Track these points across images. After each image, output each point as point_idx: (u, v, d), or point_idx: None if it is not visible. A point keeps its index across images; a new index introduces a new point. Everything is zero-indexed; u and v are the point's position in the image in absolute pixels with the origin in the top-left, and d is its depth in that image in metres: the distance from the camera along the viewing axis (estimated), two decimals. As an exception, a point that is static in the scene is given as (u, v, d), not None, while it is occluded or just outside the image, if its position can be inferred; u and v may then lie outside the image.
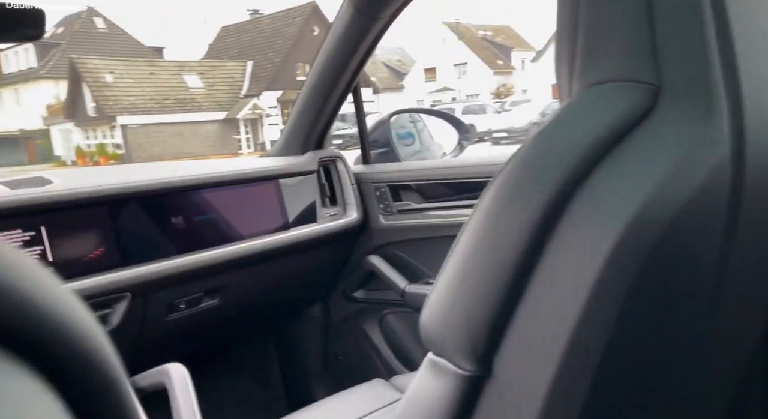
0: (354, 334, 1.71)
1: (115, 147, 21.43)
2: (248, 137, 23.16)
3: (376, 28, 1.31)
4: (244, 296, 1.40)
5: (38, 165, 24.79)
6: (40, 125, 26.91)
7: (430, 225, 1.46)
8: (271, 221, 1.37)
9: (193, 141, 21.42)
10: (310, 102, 1.49)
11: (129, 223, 1.11)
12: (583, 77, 0.49)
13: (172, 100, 22.33)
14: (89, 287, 1.01)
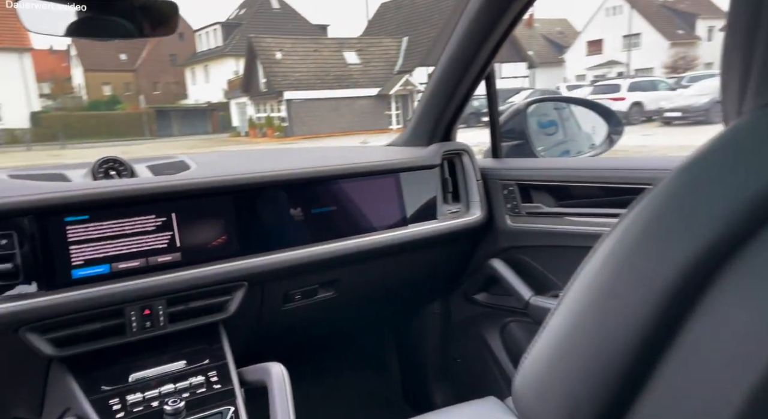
0: (473, 338, 1.63)
1: (280, 120, 23.35)
2: (398, 112, 23.63)
3: (514, 10, 1.17)
4: (360, 290, 1.40)
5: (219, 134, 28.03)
6: (222, 99, 30.30)
7: (563, 233, 1.30)
8: (389, 216, 1.33)
9: (348, 116, 22.46)
10: (439, 91, 1.41)
11: (251, 213, 1.14)
12: (760, 93, 0.38)
13: (332, 76, 23.57)
14: (210, 275, 1.06)
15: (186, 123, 30.51)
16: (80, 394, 0.92)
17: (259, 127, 24.24)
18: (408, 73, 23.09)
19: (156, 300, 1.01)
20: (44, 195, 0.94)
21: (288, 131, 22.37)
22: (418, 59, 22.97)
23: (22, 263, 0.91)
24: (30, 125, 25.83)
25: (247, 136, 25.16)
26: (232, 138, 25.49)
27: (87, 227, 0.97)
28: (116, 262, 0.99)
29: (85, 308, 0.95)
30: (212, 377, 1.00)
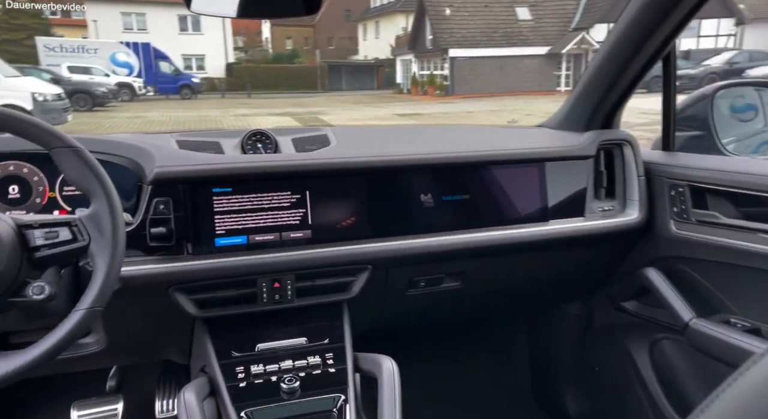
0: (616, 350, 1.47)
1: (442, 78, 23.17)
2: (568, 73, 21.91)
3: None
4: (490, 283, 1.33)
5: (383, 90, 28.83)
6: (389, 55, 30.91)
7: (747, 251, 1.07)
8: (529, 208, 1.23)
9: (513, 76, 21.45)
10: (605, 69, 1.23)
11: (382, 196, 1.13)
12: None
13: (500, 33, 22.55)
14: (337, 255, 1.08)
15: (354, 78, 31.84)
16: (213, 357, 1.01)
17: (421, 84, 24.33)
18: (584, 30, 21.12)
19: (286, 274, 1.06)
20: (197, 166, 1.03)
21: (449, 89, 22.14)
22: (598, 15, 20.83)
23: (174, 228, 1.01)
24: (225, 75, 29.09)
25: (408, 93, 25.48)
26: (394, 95, 26.03)
27: (230, 199, 1.04)
28: (253, 234, 1.06)
29: (224, 276, 1.03)
30: (329, 358, 1.03)
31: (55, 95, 10.59)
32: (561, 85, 21.57)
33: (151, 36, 25.88)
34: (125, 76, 20.99)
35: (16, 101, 9.72)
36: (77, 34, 26.42)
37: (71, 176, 0.80)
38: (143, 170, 1.01)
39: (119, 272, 0.80)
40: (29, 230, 0.78)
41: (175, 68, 24.40)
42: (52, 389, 1.47)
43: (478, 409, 1.70)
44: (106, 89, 17.15)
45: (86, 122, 12.13)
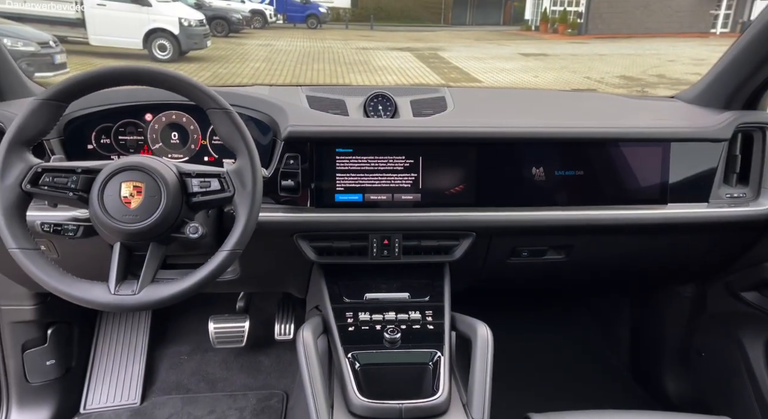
0: (728, 339, 1.42)
1: (576, 15, 21.27)
2: (729, 12, 19.03)
3: None
4: (596, 260, 1.33)
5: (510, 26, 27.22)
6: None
7: None
8: (647, 188, 1.19)
9: (659, 14, 19.08)
10: (759, 42, 1.12)
11: (493, 167, 1.16)
12: None
13: (651, -37, 19.96)
14: (442, 220, 1.15)
15: (480, 12, 30.25)
16: (328, 301, 1.15)
17: (552, 21, 22.56)
18: (759, -39, 18.02)
19: (395, 233, 1.16)
20: (324, 128, 1.12)
21: (582, 28, 20.33)
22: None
23: (301, 182, 1.12)
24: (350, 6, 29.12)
25: (537, 30, 23.80)
26: (521, 31, 24.45)
27: (350, 159, 1.14)
28: (368, 193, 1.15)
29: (341, 229, 1.14)
30: (428, 315, 1.12)
31: (198, 21, 11.33)
32: (717, 27, 18.88)
33: (281, -37, 26.34)
34: (258, 4, 21.79)
35: (166, 26, 10.55)
36: (215, -40, 27.67)
37: (222, 133, 0.92)
38: (278, 126, 1.12)
39: (256, 221, 0.93)
40: (188, 178, 0.93)
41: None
42: (193, 304, 1.75)
43: (571, 380, 1.74)
44: (240, 16, 17.99)
45: (222, 47, 12.92)
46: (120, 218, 0.87)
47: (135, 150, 1.18)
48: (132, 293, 0.87)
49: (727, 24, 18.91)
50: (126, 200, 0.88)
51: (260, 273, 1.30)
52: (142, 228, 0.87)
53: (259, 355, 1.78)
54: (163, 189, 0.88)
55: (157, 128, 1.18)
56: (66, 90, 0.88)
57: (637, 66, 10.74)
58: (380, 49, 14.46)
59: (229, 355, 1.77)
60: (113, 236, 0.89)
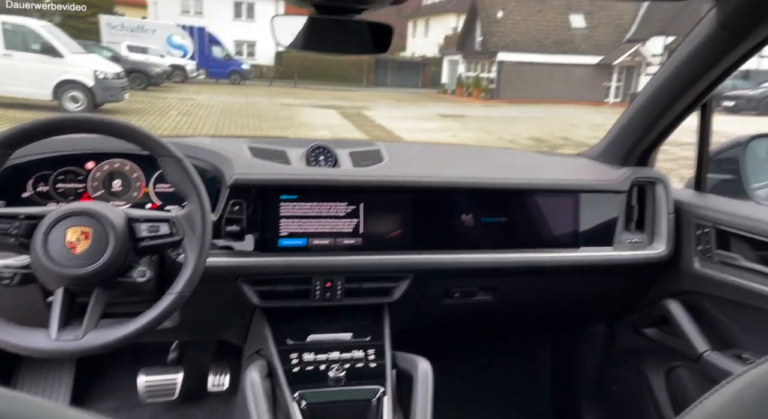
0: (635, 371, 1.57)
1: (488, 81, 23.02)
2: (619, 85, 21.44)
3: (744, 48, 1.04)
4: (520, 301, 1.44)
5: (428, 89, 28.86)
6: (436, 54, 30.83)
7: (761, 295, 1.16)
8: (561, 234, 1.34)
9: (561, 84, 21.13)
10: (646, 110, 1.32)
11: (427, 213, 1.26)
12: None
13: (551, 39, 22.23)
14: (383, 263, 1.22)
15: (399, 75, 31.89)
16: (271, 342, 1.16)
17: (467, 86, 24.25)
18: (640, 42, 20.61)
19: (337, 276, 1.21)
20: (269, 175, 1.18)
21: (494, 92, 22.00)
22: (657, 27, 20.27)
23: (246, 227, 1.16)
24: (274, 64, 29.66)
25: (453, 94, 25.42)
26: (439, 94, 26.01)
27: (295, 205, 1.19)
28: (312, 238, 1.20)
29: (285, 273, 1.18)
30: (370, 354, 1.17)
31: (115, 74, 11.08)
32: (610, 97, 21.15)
33: (206, 20, 26.61)
34: (179, 58, 21.69)
35: (79, 78, 10.22)
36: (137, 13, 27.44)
37: (173, 180, 0.96)
38: (223, 174, 1.17)
39: (205, 264, 0.95)
40: (137, 223, 0.95)
41: (226, 53, 25.07)
42: (121, 356, 1.67)
43: (498, 415, 1.82)
44: (160, 70, 17.81)
45: (141, 100, 12.65)
46: (65, 262, 0.87)
47: (74, 198, 1.17)
48: (75, 338, 0.85)
49: (619, 94, 21.22)
50: (71, 244, 0.88)
51: (200, 319, 1.29)
52: (88, 273, 0.87)
53: (191, 408, 1.71)
54: (111, 234, 0.89)
55: (98, 176, 1.18)
56: (12, 137, 0.89)
57: (545, 128, 11.72)
58: (305, 105, 14.78)
59: (159, 410, 1.69)
60: (56, 282, 0.88)
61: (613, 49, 21.34)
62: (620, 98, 20.82)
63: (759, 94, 16.18)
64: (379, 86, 29.18)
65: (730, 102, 15.55)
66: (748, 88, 16.84)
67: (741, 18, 0.98)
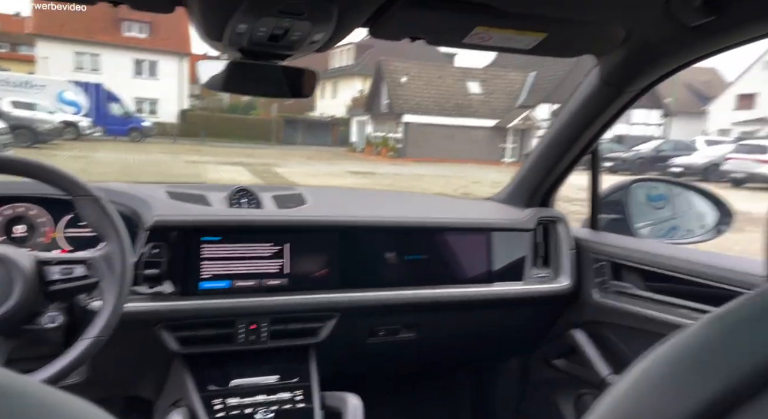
0: (547, 403, 1.64)
1: (395, 141, 24.03)
2: (514, 146, 23.27)
3: (622, 101, 1.22)
4: (440, 336, 1.48)
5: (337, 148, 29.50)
6: (345, 115, 31.83)
7: (650, 319, 1.29)
8: (477, 270, 1.41)
9: (462, 144, 22.56)
10: (544, 158, 1.47)
11: (352, 252, 1.29)
12: None
13: (451, 104, 23.85)
14: (309, 302, 1.22)
15: (309, 133, 32.40)
16: (192, 389, 1.10)
17: (375, 145, 25.11)
18: (530, 108, 22.71)
19: (262, 318, 1.19)
20: (191, 217, 1.16)
21: (402, 152, 22.95)
22: (543, 95, 22.52)
23: (166, 271, 1.12)
24: (178, 121, 28.97)
25: (362, 152, 26.15)
26: (348, 152, 26.64)
27: (217, 247, 1.17)
28: (235, 280, 1.18)
29: (206, 316, 1.14)
30: (297, 396, 1.14)
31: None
32: (506, 157, 22.81)
33: (104, 77, 25.67)
34: (71, 115, 20.55)
35: (-44, 133, 9.37)
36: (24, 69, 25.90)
37: (91, 220, 0.91)
38: (141, 217, 1.13)
39: (123, 307, 0.90)
40: (47, 266, 0.88)
41: (125, 111, 24.15)
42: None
43: None
44: (50, 126, 16.73)
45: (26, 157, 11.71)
46: None
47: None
48: None
49: (514, 155, 22.95)
50: None
51: (111, 372, 1.19)
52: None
53: None
54: (17, 277, 0.83)
55: (0, 221, 1.09)
56: None
57: (450, 185, 12.33)
58: (212, 163, 14.46)
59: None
60: None
61: (506, 113, 23.31)
62: (516, 159, 22.52)
63: (632, 156, 18.35)
64: (289, 144, 29.38)
65: (608, 163, 17.45)
66: (622, 150, 19.04)
67: (619, 74, 1.15)
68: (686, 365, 0.41)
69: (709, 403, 0.36)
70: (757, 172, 13.29)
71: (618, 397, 0.45)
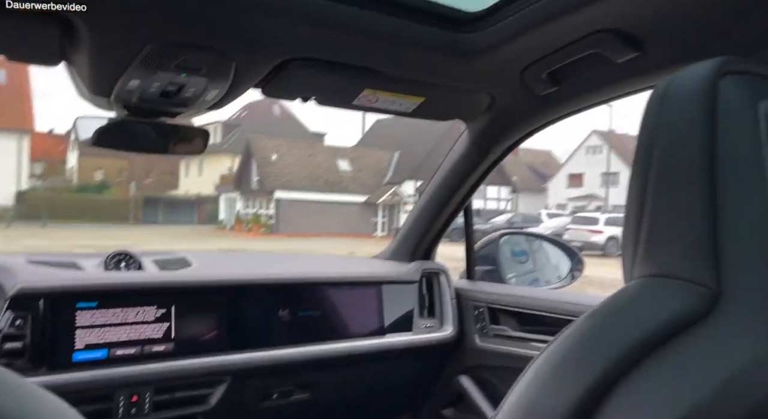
0: None
1: (267, 217, 23.72)
2: (384, 221, 24.21)
3: (489, 161, 1.39)
4: (335, 395, 1.46)
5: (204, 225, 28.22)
6: (212, 193, 30.88)
7: (525, 356, 1.41)
8: (368, 324, 1.44)
9: (334, 219, 22.94)
10: (423, 214, 1.59)
11: (242, 312, 1.25)
12: (643, 266, 0.48)
13: (323, 180, 24.40)
14: (198, 367, 1.14)
15: (172, 212, 30.74)
16: None
17: (246, 222, 24.51)
18: (397, 184, 24.04)
19: (144, 388, 1.08)
20: (62, 282, 1.05)
21: (274, 228, 22.64)
22: (408, 173, 24.05)
23: (30, 344, 0.99)
24: (14, 203, 25.86)
25: (232, 230, 25.33)
26: (217, 230, 25.61)
27: (94, 313, 1.07)
28: (114, 348, 1.08)
29: (80, 390, 1.01)
30: None
31: None
32: (377, 231, 23.57)
33: None
34: None
35: None
36: None
37: None
38: (2, 286, 1.00)
39: None
40: None
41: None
42: None
43: None
44: None
45: None
46: None
47: None
48: None
49: (385, 229, 23.81)
50: None
51: None
52: None
53: None
54: None
55: None
56: None
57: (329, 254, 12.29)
58: (54, 247, 12.96)
59: None
60: None
61: (376, 189, 24.37)
62: (386, 233, 23.37)
63: (489, 228, 20.05)
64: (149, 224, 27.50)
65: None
66: (480, 223, 20.78)
67: (485, 137, 1.32)
68: (571, 355, 0.49)
69: (593, 383, 0.44)
70: (591, 241, 15.24)
71: (521, 391, 0.52)
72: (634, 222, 0.50)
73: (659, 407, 0.41)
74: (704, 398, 0.40)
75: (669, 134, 0.47)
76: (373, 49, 0.98)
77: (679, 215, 0.46)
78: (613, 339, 0.46)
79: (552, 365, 0.50)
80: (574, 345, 0.49)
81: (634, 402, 0.42)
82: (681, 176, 0.46)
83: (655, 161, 0.47)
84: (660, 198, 0.47)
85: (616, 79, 1.00)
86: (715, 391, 0.40)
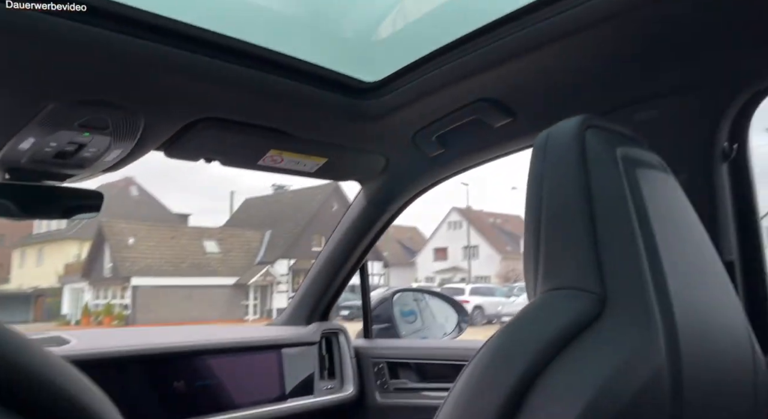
0: None
1: (122, 308, 21.46)
2: (256, 303, 23.20)
3: (384, 219, 1.49)
4: None
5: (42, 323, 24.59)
6: (55, 284, 27.34)
7: (425, 407, 1.46)
8: (269, 390, 1.39)
9: (201, 305, 21.44)
10: (321, 275, 1.61)
11: (134, 385, 1.15)
12: (544, 282, 0.59)
13: (188, 263, 22.96)
14: None
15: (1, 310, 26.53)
16: None
17: (95, 314, 21.89)
18: (269, 264, 23.41)
19: None
20: None
21: (130, 319, 20.47)
22: (281, 251, 23.62)
23: None
24: None
25: (77, 324, 22.39)
26: (58, 327, 22.43)
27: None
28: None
29: None
30: None
31: None
32: (249, 315, 22.44)
33: None
34: None
35: None
36: None
37: None
38: None
39: None
40: None
41: None
42: None
43: None
44: None
45: None
46: None
47: None
48: None
49: (257, 311, 22.76)
50: None
51: None
52: None
53: None
54: None
55: None
56: None
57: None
58: None
59: None
60: None
61: (246, 270, 23.45)
62: (258, 315, 22.33)
63: (338, 300, 20.21)
64: (-29, 324, 23.25)
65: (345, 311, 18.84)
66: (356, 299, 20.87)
67: (381, 196, 1.42)
68: (494, 360, 0.58)
69: (518, 379, 0.52)
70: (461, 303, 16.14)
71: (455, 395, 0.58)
72: (532, 249, 0.61)
73: (574, 393, 0.50)
74: (605, 383, 0.50)
75: (553, 175, 0.60)
76: (280, 111, 1.05)
77: (568, 238, 0.58)
78: (530, 340, 0.55)
79: (482, 366, 0.57)
80: (500, 346, 0.57)
81: (555, 391, 0.51)
82: (566, 208, 0.58)
83: (545, 196, 0.59)
84: (552, 226, 0.59)
85: (494, 141, 1.17)
86: (611, 377, 0.50)
